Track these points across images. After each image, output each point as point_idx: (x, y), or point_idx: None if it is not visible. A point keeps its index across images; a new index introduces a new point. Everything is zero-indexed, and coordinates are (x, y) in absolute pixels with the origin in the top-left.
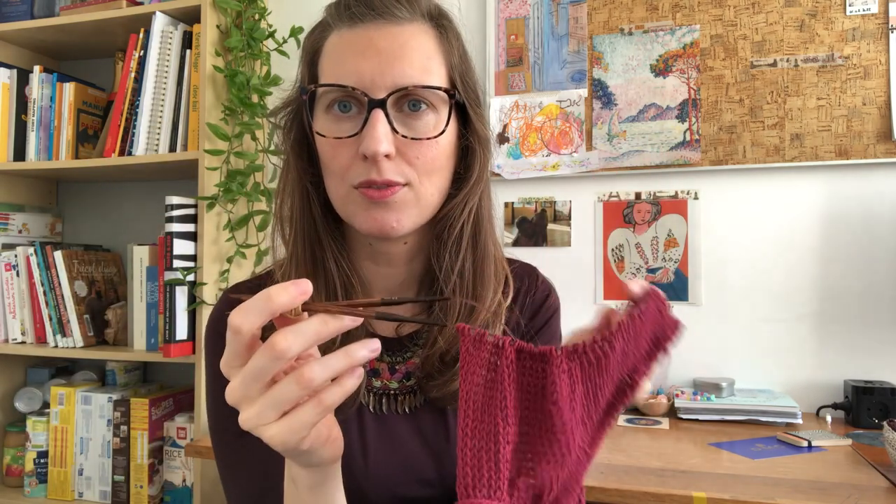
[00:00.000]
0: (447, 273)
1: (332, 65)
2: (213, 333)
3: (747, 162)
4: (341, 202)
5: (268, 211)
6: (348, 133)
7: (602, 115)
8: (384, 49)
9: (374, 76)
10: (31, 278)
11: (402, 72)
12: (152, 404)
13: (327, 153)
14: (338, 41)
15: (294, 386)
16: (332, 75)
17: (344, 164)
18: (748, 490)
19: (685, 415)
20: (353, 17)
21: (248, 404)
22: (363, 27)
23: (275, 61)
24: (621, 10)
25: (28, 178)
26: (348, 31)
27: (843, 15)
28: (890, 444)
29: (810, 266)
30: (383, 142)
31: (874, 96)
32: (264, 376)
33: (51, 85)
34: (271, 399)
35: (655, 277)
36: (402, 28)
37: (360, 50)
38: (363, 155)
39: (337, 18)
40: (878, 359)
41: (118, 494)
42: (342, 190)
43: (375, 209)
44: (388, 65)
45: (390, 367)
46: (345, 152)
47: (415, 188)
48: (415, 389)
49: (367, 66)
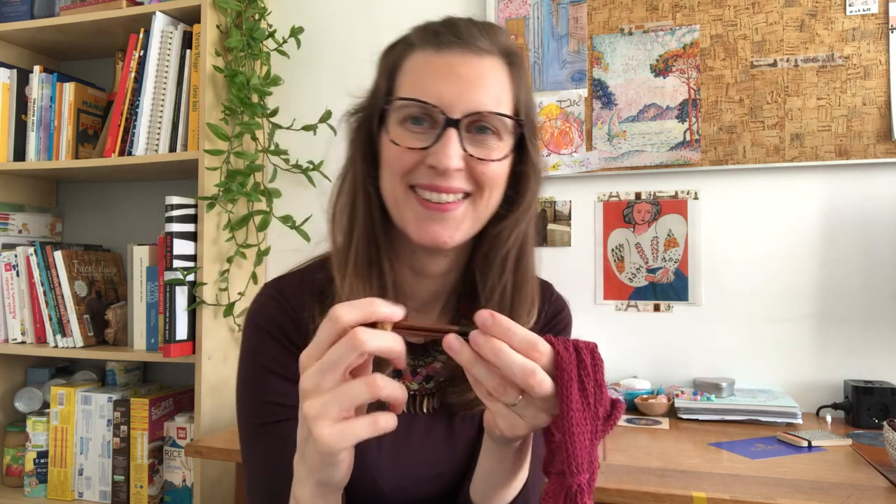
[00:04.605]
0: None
1: (413, 82)
2: (254, 326)
3: (747, 162)
4: (395, 202)
5: (267, 211)
6: (420, 145)
7: (602, 115)
8: (464, 76)
9: (452, 98)
10: (31, 278)
11: (478, 98)
12: (152, 404)
13: (393, 156)
14: (422, 62)
15: (364, 388)
16: (413, 92)
17: (407, 167)
18: (748, 490)
19: (685, 415)
20: (441, 43)
21: (316, 395)
22: (448, 53)
23: (275, 61)
24: (621, 10)
25: (28, 178)
26: (434, 54)
27: (843, 15)
28: (890, 444)
29: (810, 266)
30: (455, 157)
31: (874, 96)
32: (340, 365)
33: (51, 85)
34: (340, 394)
35: (655, 277)
36: (481, 59)
37: (443, 73)
38: (431, 166)
39: (423, 40)
40: (878, 359)
41: (118, 494)
42: (399, 189)
43: (430, 221)
44: (466, 90)
45: (413, 369)
46: (410, 158)
47: (474, 202)
48: (433, 392)
49: (447, 88)
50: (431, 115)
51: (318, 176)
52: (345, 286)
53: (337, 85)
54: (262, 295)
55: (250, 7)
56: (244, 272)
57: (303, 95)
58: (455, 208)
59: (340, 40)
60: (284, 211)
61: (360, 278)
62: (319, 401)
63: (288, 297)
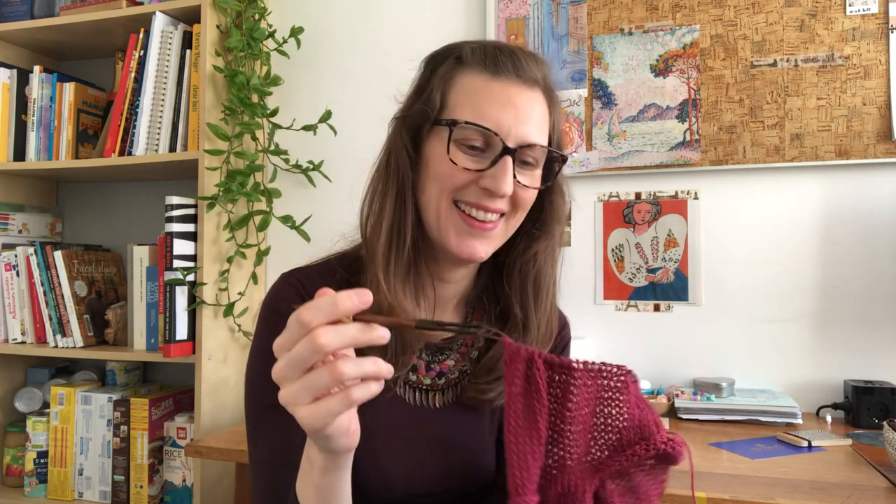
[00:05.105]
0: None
1: (473, 104)
2: (271, 311)
3: (747, 162)
4: (437, 214)
5: (268, 211)
6: (477, 166)
7: (602, 115)
8: (520, 108)
9: (510, 127)
10: (31, 278)
11: (529, 130)
12: (152, 404)
13: (446, 172)
14: (480, 85)
15: (327, 375)
16: (473, 114)
17: (458, 185)
18: (748, 490)
19: (685, 415)
20: (499, 70)
21: (287, 384)
22: (505, 81)
23: (275, 61)
24: (621, 10)
25: (28, 178)
26: (491, 79)
27: (843, 15)
28: (890, 444)
29: (810, 266)
30: (510, 184)
31: (874, 96)
32: (304, 363)
33: (51, 85)
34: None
35: (655, 277)
36: (532, 93)
37: (502, 102)
38: (486, 188)
39: (480, 62)
40: (878, 359)
41: (118, 494)
42: (444, 203)
43: (470, 236)
44: (521, 122)
45: (427, 365)
46: (464, 178)
47: (507, 221)
48: (445, 388)
49: (505, 117)
50: (489, 141)
51: (318, 176)
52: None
53: (337, 85)
54: (281, 283)
55: (250, 7)
56: (244, 272)
57: (303, 95)
58: (494, 227)
59: (340, 40)
60: (284, 211)
61: (403, 282)
62: (292, 389)
63: (307, 287)
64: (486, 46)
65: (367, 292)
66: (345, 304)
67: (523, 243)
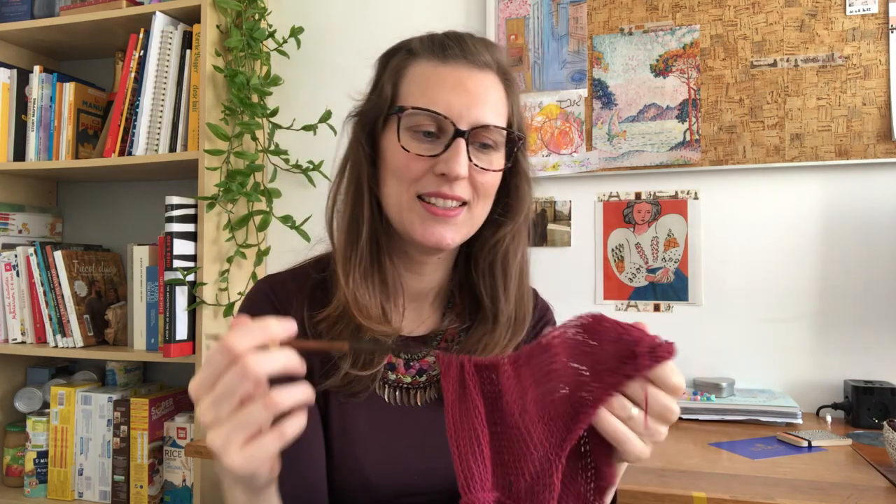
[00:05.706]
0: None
1: (422, 91)
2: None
3: (747, 162)
4: (399, 209)
5: (267, 211)
6: (430, 152)
7: (602, 115)
8: (471, 90)
9: (461, 110)
10: (31, 278)
11: (483, 112)
12: (152, 404)
13: (401, 163)
14: (429, 72)
15: (262, 409)
16: (422, 101)
17: (415, 175)
18: (748, 490)
19: (685, 415)
20: (447, 56)
21: (217, 426)
22: (454, 66)
23: (275, 61)
24: (621, 10)
25: (28, 178)
26: (440, 65)
27: (843, 15)
28: (890, 444)
29: (810, 266)
30: (464, 166)
31: (874, 96)
32: (234, 394)
33: (51, 85)
34: (240, 421)
35: (655, 277)
36: (485, 75)
37: (452, 85)
38: (441, 173)
39: (429, 50)
40: (878, 359)
41: (118, 494)
42: (406, 197)
43: (435, 224)
44: (473, 104)
45: (406, 363)
46: (419, 166)
47: (471, 209)
48: (426, 385)
49: (456, 100)
50: (441, 126)
51: (318, 176)
52: (349, 284)
53: (337, 85)
54: (253, 291)
55: (250, 7)
56: (244, 272)
57: (303, 95)
58: (457, 215)
59: (340, 40)
60: (284, 211)
61: (364, 276)
62: (222, 431)
63: (277, 292)
64: (436, 36)
65: (292, 322)
66: (276, 330)
67: (490, 231)
